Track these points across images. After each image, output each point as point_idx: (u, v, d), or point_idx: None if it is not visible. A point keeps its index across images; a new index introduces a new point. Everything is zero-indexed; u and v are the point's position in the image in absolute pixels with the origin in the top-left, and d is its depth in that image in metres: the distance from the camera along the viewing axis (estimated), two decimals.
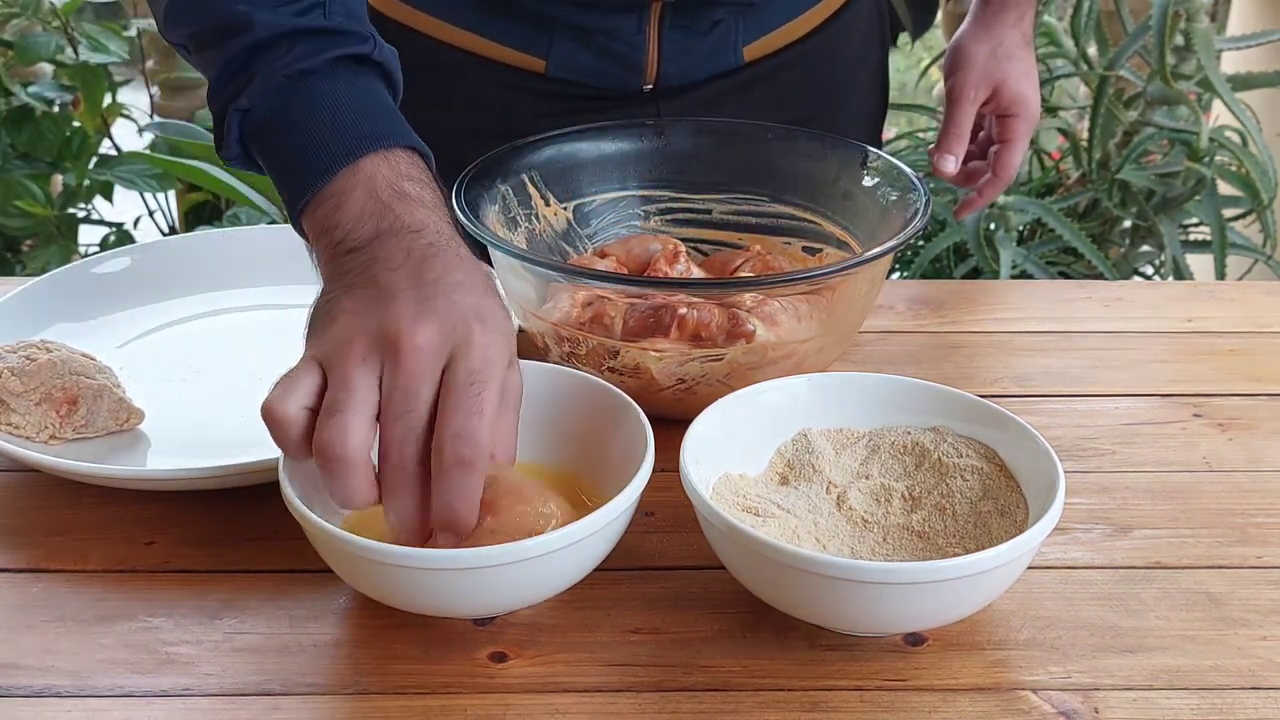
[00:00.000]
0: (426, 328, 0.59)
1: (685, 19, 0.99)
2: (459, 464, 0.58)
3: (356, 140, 0.67)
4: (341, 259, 0.64)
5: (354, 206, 0.65)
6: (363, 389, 0.59)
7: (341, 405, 0.58)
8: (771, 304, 0.80)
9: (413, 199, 0.66)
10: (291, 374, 0.61)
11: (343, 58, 0.69)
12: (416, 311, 0.60)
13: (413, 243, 0.63)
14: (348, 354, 0.59)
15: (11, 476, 0.77)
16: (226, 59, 0.70)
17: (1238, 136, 1.86)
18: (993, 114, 1.05)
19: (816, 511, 0.68)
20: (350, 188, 0.66)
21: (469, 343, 0.60)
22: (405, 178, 0.67)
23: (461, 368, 0.59)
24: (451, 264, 0.63)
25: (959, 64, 1.05)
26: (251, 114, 0.69)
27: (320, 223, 0.66)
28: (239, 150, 0.71)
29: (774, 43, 1.04)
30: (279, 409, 0.60)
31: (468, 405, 0.59)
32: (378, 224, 0.64)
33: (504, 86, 1.03)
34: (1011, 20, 1.06)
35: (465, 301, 0.61)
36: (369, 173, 0.66)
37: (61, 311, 0.91)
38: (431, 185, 0.68)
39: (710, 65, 1.03)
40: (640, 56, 1.00)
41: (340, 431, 0.58)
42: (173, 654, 0.63)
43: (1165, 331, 0.97)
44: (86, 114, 2.16)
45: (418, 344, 0.59)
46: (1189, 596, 0.68)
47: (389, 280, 0.62)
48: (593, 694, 0.61)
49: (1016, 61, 1.05)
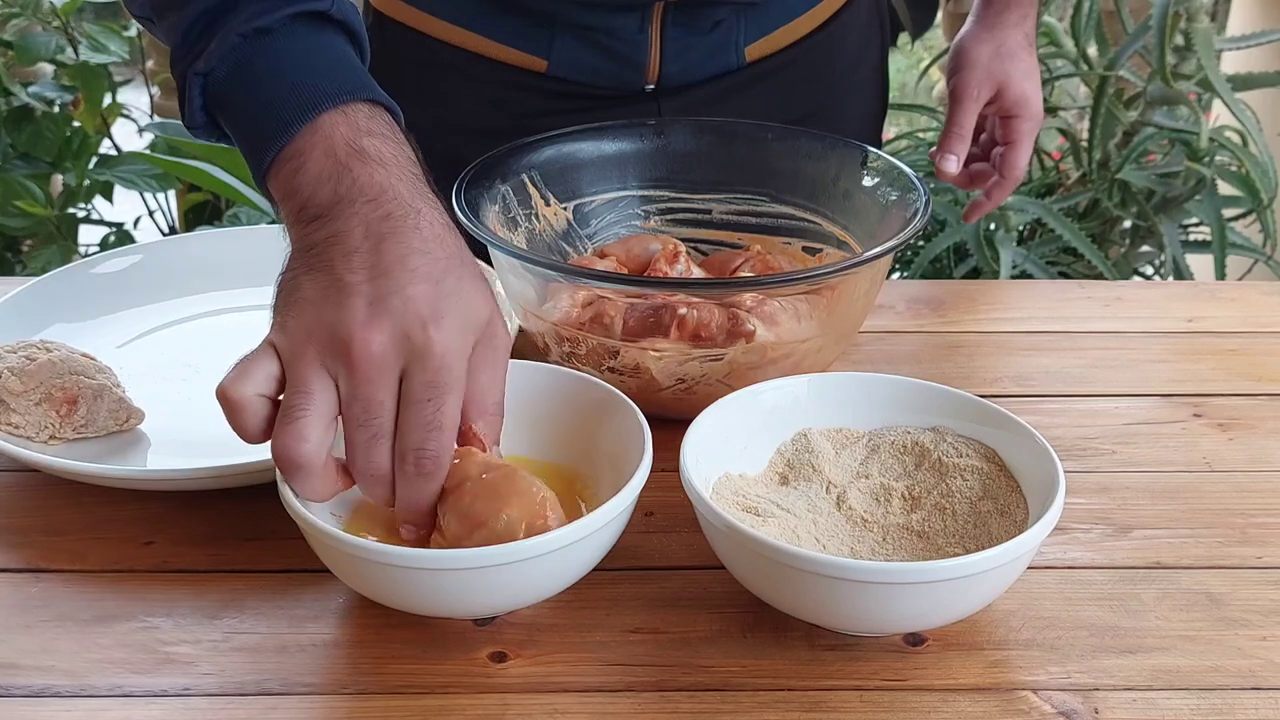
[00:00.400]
0: (378, 334, 0.59)
1: (687, 18, 0.99)
2: (420, 474, 0.61)
3: (314, 97, 0.66)
4: (304, 227, 0.64)
5: (313, 168, 0.64)
6: (318, 392, 0.59)
7: (297, 410, 0.59)
8: (771, 304, 0.80)
9: (371, 158, 0.65)
10: (250, 357, 0.61)
11: (302, 14, 0.68)
12: (369, 314, 0.60)
13: (369, 214, 0.62)
14: (302, 355, 0.60)
15: (11, 476, 0.77)
16: (187, 24, 0.69)
17: (1238, 136, 1.86)
18: (995, 115, 1.05)
19: (816, 511, 0.68)
20: (309, 147, 0.65)
21: (426, 352, 0.60)
22: (365, 133, 0.66)
23: (417, 380, 0.60)
24: (408, 243, 0.62)
25: (961, 64, 1.05)
26: (212, 77, 0.68)
27: (283, 186, 0.66)
28: (203, 118, 0.70)
29: (775, 42, 1.04)
30: (234, 392, 0.60)
31: (425, 420, 0.60)
32: (335, 188, 0.63)
33: (505, 85, 1.03)
34: (1014, 20, 1.06)
35: (419, 295, 0.61)
36: (327, 131, 0.65)
37: (61, 311, 0.91)
38: (394, 139, 0.67)
39: (711, 65, 1.03)
40: (642, 56, 1.00)
41: (296, 437, 0.59)
42: (172, 654, 0.63)
43: (1165, 331, 0.97)
44: (86, 114, 2.16)
45: (371, 352, 0.59)
46: (1189, 596, 0.68)
47: (344, 269, 0.61)
48: (593, 694, 0.61)
49: (1019, 62, 1.04)
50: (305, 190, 0.64)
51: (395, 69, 1.06)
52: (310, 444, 0.59)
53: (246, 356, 0.61)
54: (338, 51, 0.69)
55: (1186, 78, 1.88)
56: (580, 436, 0.72)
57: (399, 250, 0.62)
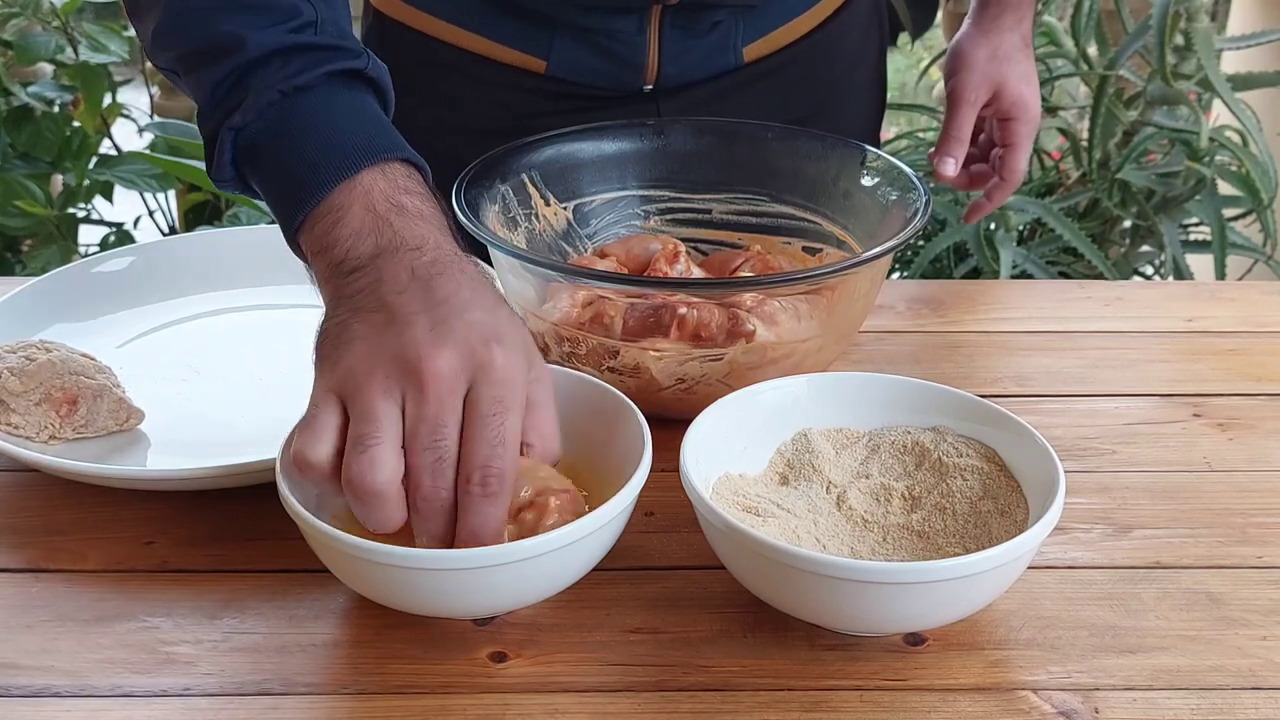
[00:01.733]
0: (446, 353, 0.59)
1: (685, 20, 0.99)
2: (485, 496, 0.59)
3: (353, 154, 0.66)
4: (344, 279, 0.64)
5: (352, 222, 0.64)
6: (388, 420, 0.59)
7: (368, 439, 0.58)
8: (771, 304, 0.80)
9: (411, 213, 0.65)
10: (313, 417, 0.60)
11: (337, 73, 0.69)
12: (433, 337, 0.59)
13: (415, 260, 0.63)
14: (368, 385, 0.59)
15: (11, 476, 0.77)
16: (218, 79, 0.69)
17: (1238, 136, 1.86)
18: (993, 117, 1.05)
19: (816, 511, 0.68)
20: (348, 203, 0.65)
21: (490, 366, 0.60)
22: (403, 191, 0.66)
23: (485, 395, 0.59)
24: (459, 281, 0.62)
25: (959, 66, 1.05)
26: (245, 133, 0.68)
27: (318, 240, 0.65)
28: (232, 172, 0.70)
29: (774, 42, 1.04)
30: (313, 458, 0.59)
31: (492, 436, 0.59)
32: (377, 240, 0.64)
33: (504, 86, 1.03)
34: (1011, 23, 1.06)
35: (480, 320, 0.61)
36: (366, 187, 0.65)
37: (61, 311, 0.91)
38: (429, 198, 0.68)
39: (710, 65, 1.03)
40: (640, 57, 1.00)
41: (371, 466, 0.58)
42: (172, 654, 0.63)
43: (1165, 331, 0.97)
44: (86, 114, 2.15)
45: (439, 371, 0.59)
46: (1189, 596, 0.68)
47: (399, 304, 0.61)
48: (593, 694, 0.61)
49: (1016, 64, 1.04)
50: (344, 242, 0.64)
51: (395, 68, 1.06)
52: (387, 470, 0.58)
53: (308, 415, 0.60)
54: (372, 110, 0.70)
55: (1186, 77, 1.88)
56: (580, 436, 0.72)
57: (450, 286, 0.62)
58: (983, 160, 1.08)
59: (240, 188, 0.71)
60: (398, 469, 0.59)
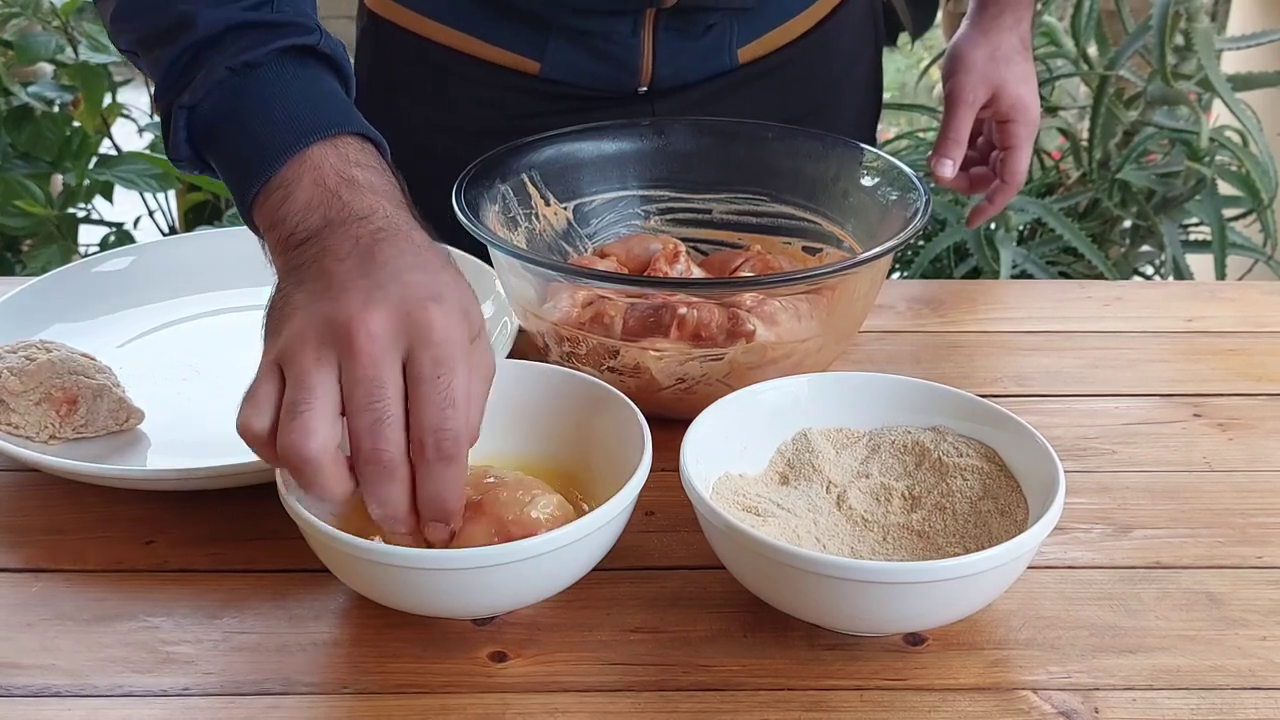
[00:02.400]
0: (378, 314, 0.58)
1: (679, 23, 0.99)
2: (441, 459, 0.58)
3: (302, 129, 0.65)
4: (292, 252, 0.63)
5: (301, 196, 0.64)
6: (321, 386, 0.57)
7: (300, 406, 0.57)
8: (771, 304, 0.80)
9: (361, 186, 0.64)
10: (254, 387, 0.59)
11: (289, 49, 0.68)
12: (366, 299, 0.58)
13: (360, 230, 0.62)
14: (301, 351, 0.58)
15: (11, 476, 0.77)
16: (173, 58, 0.68)
17: (1238, 136, 1.86)
18: (992, 119, 1.05)
19: (816, 511, 0.68)
20: (297, 177, 0.64)
21: (427, 326, 0.58)
22: (354, 164, 0.65)
23: (424, 356, 0.58)
24: (401, 247, 0.61)
25: (957, 68, 1.04)
26: (198, 111, 0.68)
27: (269, 215, 0.65)
28: (188, 151, 0.70)
29: (769, 44, 1.04)
30: (253, 427, 0.58)
31: (439, 398, 0.57)
32: (325, 213, 0.63)
33: (499, 87, 1.03)
34: (1009, 24, 1.05)
35: (417, 281, 0.59)
36: (316, 161, 0.65)
37: (61, 311, 0.91)
38: (383, 171, 0.67)
39: (705, 67, 1.03)
40: (634, 59, 1.00)
41: (302, 434, 0.57)
42: (172, 653, 0.63)
43: (1165, 331, 0.97)
44: (86, 114, 2.15)
45: (371, 332, 0.57)
46: (1189, 596, 0.68)
47: (338, 271, 0.60)
48: (593, 694, 0.61)
49: (1015, 66, 1.04)
50: (294, 216, 0.64)
51: (390, 70, 1.07)
52: (318, 438, 0.57)
53: (251, 386, 0.59)
54: (325, 86, 0.69)
55: (1186, 78, 1.88)
56: (580, 436, 0.72)
57: (391, 251, 0.61)
58: (982, 163, 1.07)
59: (200, 167, 0.71)
60: (331, 435, 0.57)
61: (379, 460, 0.58)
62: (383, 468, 0.58)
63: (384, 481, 0.58)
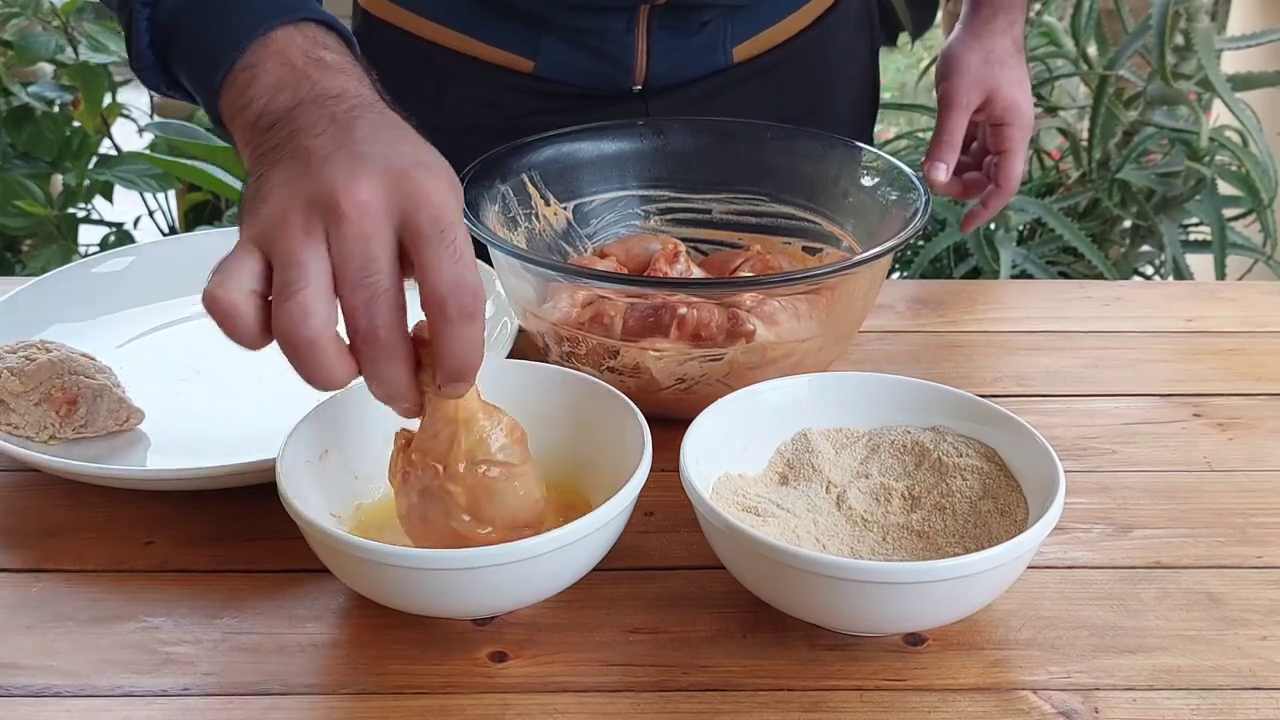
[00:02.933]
0: (366, 182, 0.54)
1: (674, 20, 0.99)
2: (465, 314, 0.54)
3: (266, 13, 0.63)
4: (262, 136, 0.60)
5: (267, 78, 0.61)
6: (313, 263, 0.54)
7: (294, 284, 0.53)
8: (771, 304, 0.80)
9: (331, 66, 0.62)
10: (228, 259, 0.56)
11: None
12: (352, 169, 0.55)
13: (335, 107, 0.59)
14: (287, 229, 0.54)
15: (11, 476, 0.77)
16: None
17: (1238, 136, 1.86)
18: (986, 123, 1.04)
19: (816, 511, 0.68)
20: (263, 59, 0.62)
21: (420, 189, 0.55)
22: (322, 47, 0.63)
23: (423, 216, 0.55)
24: (379, 121, 0.59)
25: (950, 70, 1.04)
26: (159, 8, 0.66)
27: (234, 102, 0.62)
28: (151, 57, 0.68)
29: (764, 42, 1.04)
30: (225, 296, 0.54)
31: (449, 253, 0.54)
32: (295, 93, 0.60)
33: (493, 86, 1.03)
34: (1002, 27, 1.05)
35: (402, 151, 0.57)
36: (281, 44, 0.63)
37: (61, 311, 0.91)
38: (351, 56, 0.65)
39: (699, 65, 1.03)
40: (629, 57, 1.00)
41: (300, 314, 0.53)
42: (172, 654, 0.63)
43: (1165, 331, 0.97)
44: (86, 114, 2.16)
45: (360, 202, 0.54)
46: (1189, 596, 0.68)
47: (316, 145, 0.56)
48: (592, 694, 0.61)
49: (1008, 69, 1.03)
50: (261, 99, 0.61)
51: (383, 69, 1.06)
52: (317, 317, 0.53)
53: (224, 259, 0.56)
54: None
55: (1186, 77, 1.88)
56: (580, 436, 0.72)
57: (369, 126, 0.58)
58: (975, 168, 1.07)
59: (165, 79, 0.69)
60: (330, 315, 0.54)
61: (376, 338, 0.55)
62: (381, 345, 0.55)
63: (384, 360, 0.55)
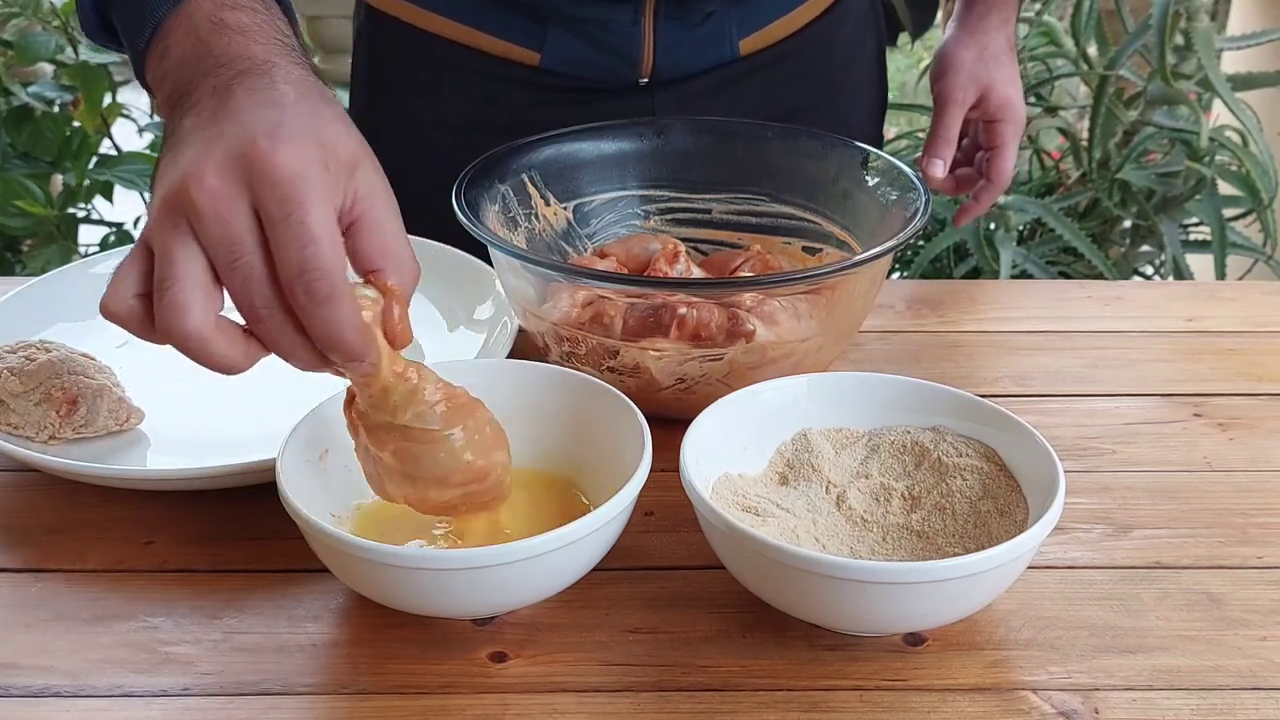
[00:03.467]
0: (209, 165, 0.54)
1: (679, 11, 0.99)
2: (315, 300, 0.54)
3: None
4: (169, 116, 0.61)
5: (176, 51, 0.62)
6: (181, 258, 0.54)
7: (165, 282, 0.54)
8: (771, 304, 0.80)
9: (230, 28, 0.62)
10: (121, 264, 0.57)
11: None
12: (200, 151, 0.55)
13: (219, 79, 0.59)
14: (158, 223, 0.55)
15: (11, 476, 0.77)
16: None
17: (1238, 136, 1.86)
18: (979, 119, 1.05)
19: (816, 511, 0.68)
20: (173, 29, 0.62)
21: (266, 163, 0.54)
22: (229, 7, 0.63)
23: (268, 197, 0.53)
24: (255, 85, 0.58)
25: (946, 68, 1.05)
26: None
27: (157, 80, 0.63)
28: (96, 21, 0.68)
29: (770, 36, 1.04)
30: (110, 307, 0.56)
31: (294, 237, 0.53)
32: (195, 67, 0.60)
33: (499, 79, 1.03)
34: (996, 24, 1.06)
35: (256, 119, 0.55)
36: (190, 10, 0.62)
37: (61, 311, 0.91)
38: (262, 10, 0.64)
39: (705, 58, 1.03)
40: (634, 49, 1.00)
41: (173, 311, 0.54)
42: (171, 654, 0.63)
43: (1165, 331, 0.97)
44: (86, 114, 2.15)
45: (206, 186, 0.53)
46: (1189, 596, 0.68)
47: (188, 128, 0.57)
48: (592, 694, 0.61)
49: (1002, 66, 1.04)
50: (171, 76, 0.61)
51: (388, 64, 1.07)
52: (192, 312, 0.53)
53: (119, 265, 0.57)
54: None
55: (1186, 77, 1.88)
56: (580, 436, 0.72)
57: (243, 93, 0.57)
58: (968, 164, 1.07)
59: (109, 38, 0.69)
60: (207, 306, 0.54)
61: (259, 318, 0.55)
62: (264, 324, 0.55)
63: (276, 336, 0.55)
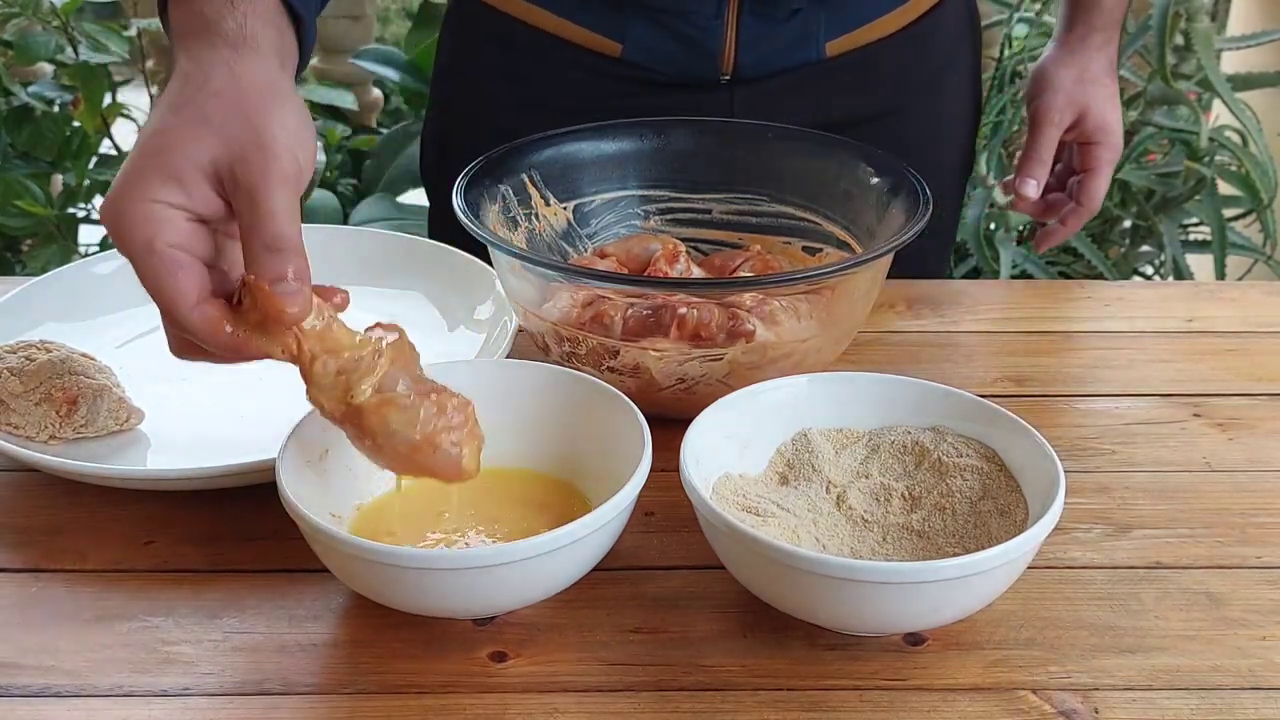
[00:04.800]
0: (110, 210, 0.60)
1: (763, 6, 0.98)
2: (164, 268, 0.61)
3: None
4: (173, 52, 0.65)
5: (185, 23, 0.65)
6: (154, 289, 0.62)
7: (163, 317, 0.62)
8: (771, 304, 0.80)
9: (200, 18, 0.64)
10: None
11: None
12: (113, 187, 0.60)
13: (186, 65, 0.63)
14: None
15: (11, 476, 0.77)
16: None
17: (1238, 136, 1.86)
18: (1075, 142, 1.03)
19: (816, 511, 0.68)
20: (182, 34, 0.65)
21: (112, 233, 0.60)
22: None
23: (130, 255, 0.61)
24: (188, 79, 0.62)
25: (1044, 88, 1.03)
26: None
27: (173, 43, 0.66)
28: None
29: (858, 39, 1.02)
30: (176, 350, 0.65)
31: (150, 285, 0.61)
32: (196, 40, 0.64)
33: (580, 68, 1.02)
34: (1097, 44, 1.04)
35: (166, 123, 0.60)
36: None
37: (61, 311, 0.90)
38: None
39: (789, 57, 1.01)
40: (716, 44, 0.99)
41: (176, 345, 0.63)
42: (172, 653, 0.63)
43: (1165, 331, 0.97)
44: (86, 114, 2.15)
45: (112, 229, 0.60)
46: (1189, 596, 0.68)
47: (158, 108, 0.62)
48: (592, 694, 0.61)
49: (1101, 87, 1.03)
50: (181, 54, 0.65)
51: (474, 47, 1.07)
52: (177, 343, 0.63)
53: None
54: None
55: (1186, 78, 1.88)
56: (580, 436, 0.72)
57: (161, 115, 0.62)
58: (1059, 189, 1.05)
59: None
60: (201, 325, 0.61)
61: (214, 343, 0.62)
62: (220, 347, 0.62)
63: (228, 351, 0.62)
